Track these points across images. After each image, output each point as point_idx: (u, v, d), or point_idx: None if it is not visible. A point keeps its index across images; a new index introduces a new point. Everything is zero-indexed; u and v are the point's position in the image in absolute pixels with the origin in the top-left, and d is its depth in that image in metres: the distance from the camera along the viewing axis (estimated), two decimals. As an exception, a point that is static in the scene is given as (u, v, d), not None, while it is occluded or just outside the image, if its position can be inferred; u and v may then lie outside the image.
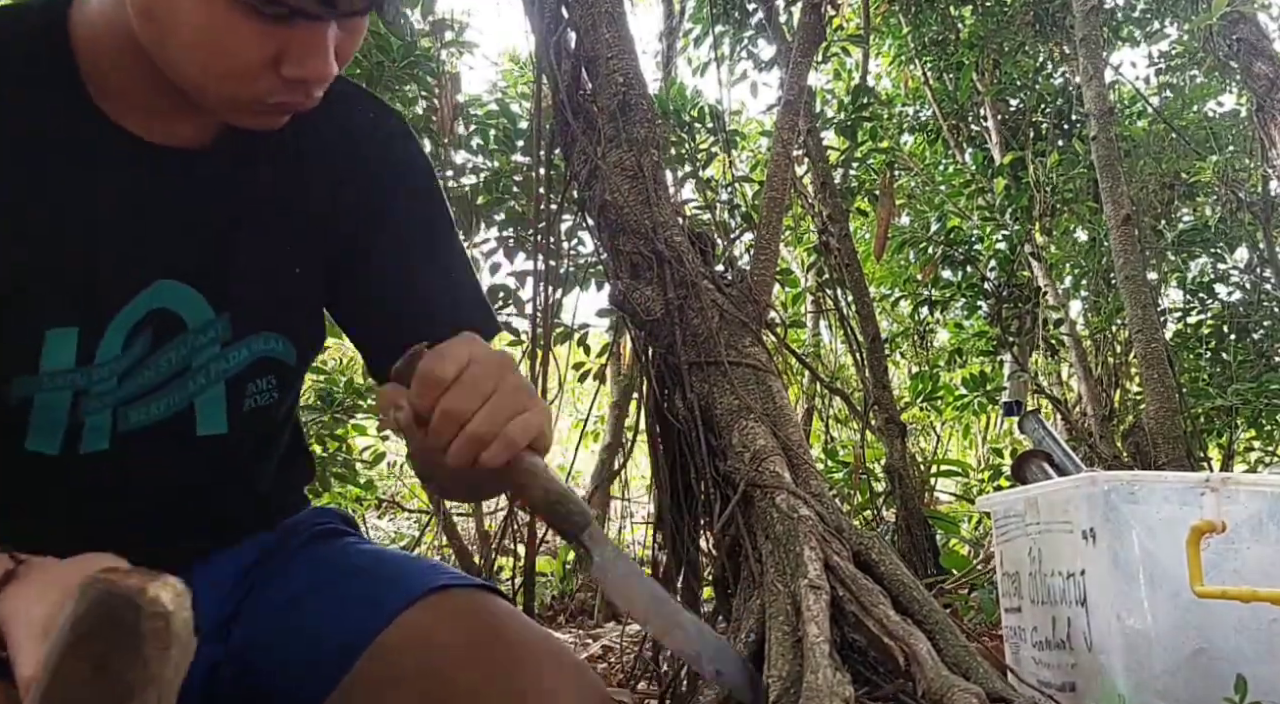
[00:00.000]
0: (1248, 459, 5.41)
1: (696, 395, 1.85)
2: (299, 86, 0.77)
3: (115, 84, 0.82)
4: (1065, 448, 2.22)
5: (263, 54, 0.74)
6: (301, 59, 0.75)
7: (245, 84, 0.76)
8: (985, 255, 5.19)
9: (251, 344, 0.94)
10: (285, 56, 0.75)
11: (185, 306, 0.89)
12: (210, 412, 0.93)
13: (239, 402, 0.95)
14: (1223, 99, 5.71)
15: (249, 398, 0.95)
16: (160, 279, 0.87)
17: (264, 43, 0.73)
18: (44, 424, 0.86)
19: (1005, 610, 1.87)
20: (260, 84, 0.76)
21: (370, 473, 4.04)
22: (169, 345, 0.89)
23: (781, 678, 1.36)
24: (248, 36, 0.73)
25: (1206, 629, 1.42)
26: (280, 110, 0.80)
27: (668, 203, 2.09)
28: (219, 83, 0.76)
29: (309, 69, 0.75)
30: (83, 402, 0.86)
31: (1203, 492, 1.46)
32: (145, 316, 0.87)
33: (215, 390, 0.93)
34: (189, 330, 0.90)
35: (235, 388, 0.94)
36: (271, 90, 0.77)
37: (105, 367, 0.86)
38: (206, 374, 0.92)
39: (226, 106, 0.79)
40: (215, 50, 0.73)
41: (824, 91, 5.45)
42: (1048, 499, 1.71)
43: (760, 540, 1.63)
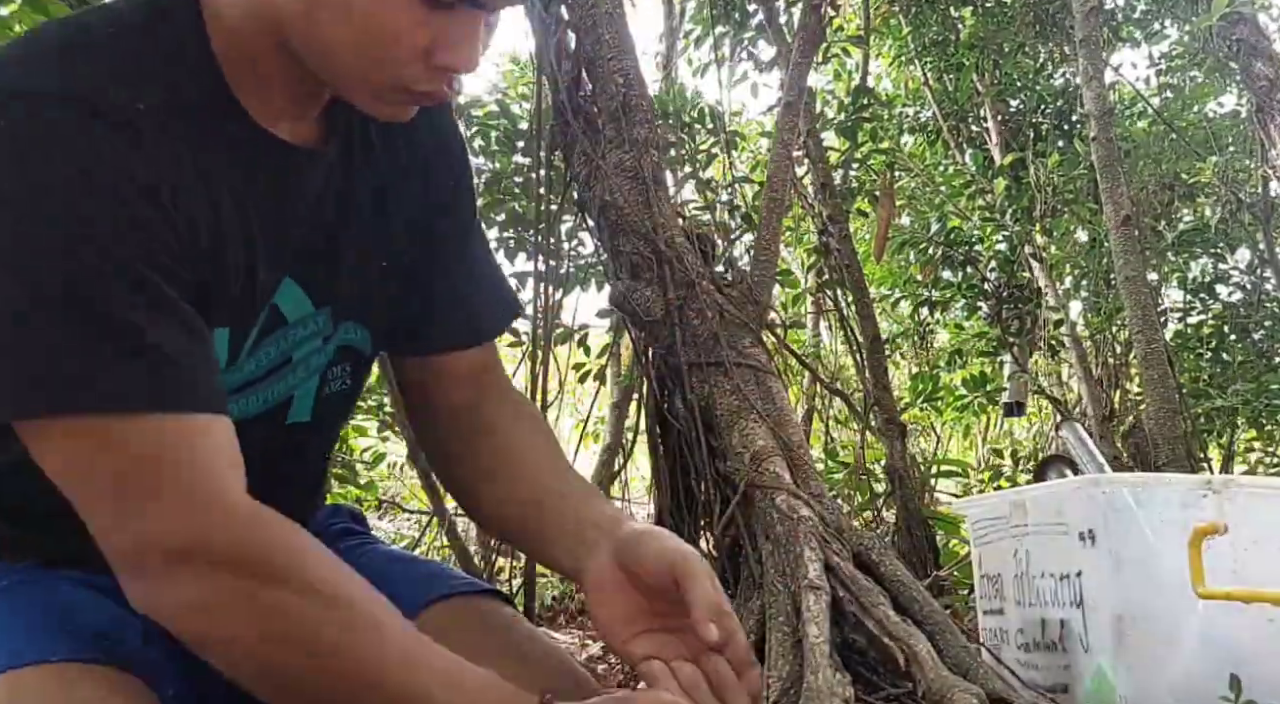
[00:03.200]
0: (1248, 459, 5.41)
1: (696, 396, 1.85)
2: (444, 75, 0.78)
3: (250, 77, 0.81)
4: (1100, 458, 2.20)
5: (421, 39, 0.74)
6: (455, 47, 0.75)
7: (396, 69, 0.76)
8: (985, 256, 5.20)
9: (341, 334, 0.95)
10: (439, 44, 0.75)
11: (287, 300, 0.89)
12: (303, 401, 0.95)
13: (322, 389, 0.96)
14: (1223, 99, 5.72)
15: (329, 384, 0.97)
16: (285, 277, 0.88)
17: (423, 28, 0.74)
18: None
19: (984, 612, 1.87)
20: (410, 70, 0.76)
21: (370, 474, 4.04)
22: (270, 338, 0.89)
23: (781, 678, 1.36)
24: (410, 20, 0.73)
25: (1207, 630, 1.42)
26: (419, 99, 0.81)
27: (668, 203, 2.09)
28: (372, 67, 0.76)
29: (461, 58, 0.76)
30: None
31: (1204, 493, 1.46)
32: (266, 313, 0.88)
33: (311, 382, 0.94)
34: (289, 324, 0.90)
35: (322, 377, 0.95)
36: (419, 78, 0.77)
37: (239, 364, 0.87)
38: (306, 367, 0.93)
39: (370, 92, 0.79)
40: (376, 31, 0.74)
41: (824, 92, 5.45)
42: (1038, 501, 1.71)
43: (760, 541, 1.63)
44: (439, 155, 0.99)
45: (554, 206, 2.70)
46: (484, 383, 1.01)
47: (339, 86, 0.80)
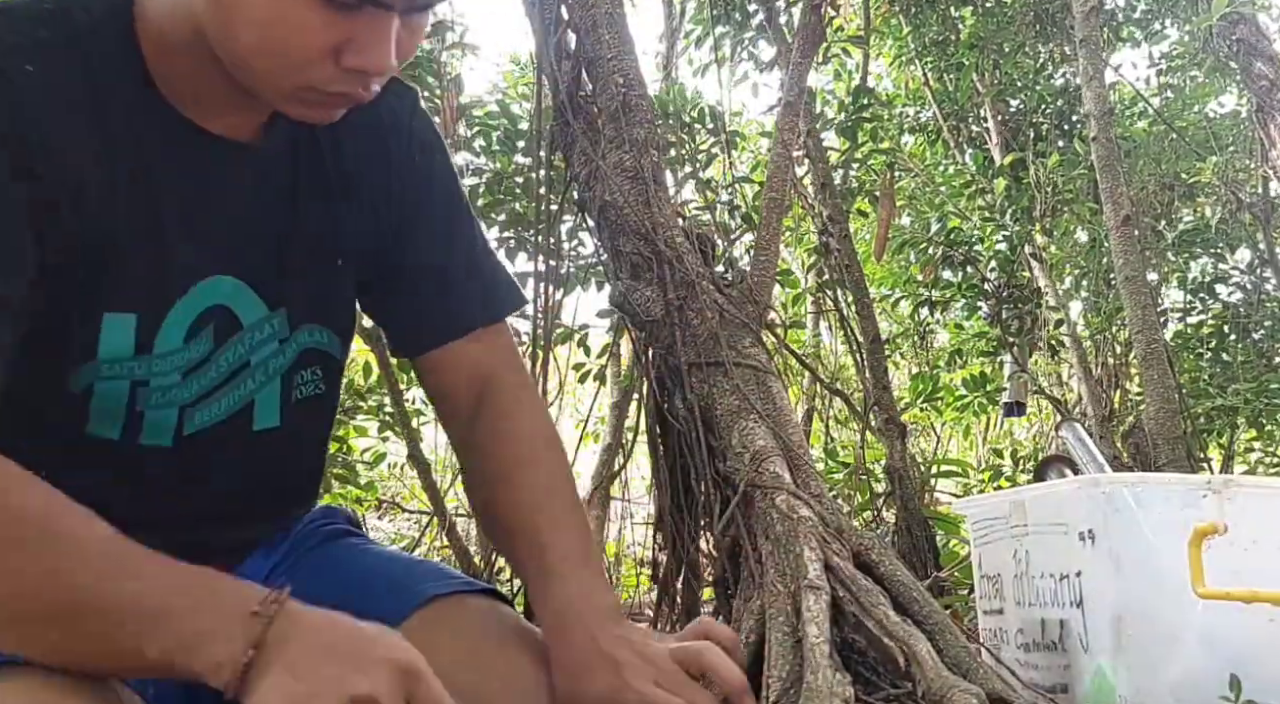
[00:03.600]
0: (1248, 460, 5.41)
1: (696, 396, 1.85)
2: (358, 78, 0.77)
3: (178, 73, 0.82)
4: (1100, 458, 2.20)
5: (326, 41, 0.74)
6: (364, 49, 0.75)
7: (305, 71, 0.75)
8: (985, 256, 5.19)
9: (298, 338, 0.95)
10: (348, 46, 0.75)
11: (240, 304, 0.90)
12: (267, 407, 0.95)
13: (289, 394, 0.96)
14: (1223, 100, 5.72)
15: (296, 389, 0.97)
16: (218, 274, 0.87)
17: (328, 30, 0.73)
18: (104, 413, 0.86)
19: (984, 613, 1.87)
20: (320, 72, 0.76)
21: (371, 474, 4.04)
22: (227, 344, 0.90)
23: (781, 678, 1.36)
24: (313, 22, 0.73)
25: (1207, 631, 1.42)
26: (335, 102, 0.80)
27: (668, 203, 2.08)
28: (280, 69, 0.76)
29: (371, 60, 0.75)
30: (140, 393, 0.87)
31: (1204, 493, 1.46)
32: (203, 313, 0.87)
33: (272, 386, 0.95)
34: (244, 328, 0.90)
35: (286, 381, 0.96)
36: (330, 79, 0.76)
37: (165, 359, 0.86)
38: (265, 371, 0.93)
39: (283, 95, 0.79)
40: (279, 34, 0.73)
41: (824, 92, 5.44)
42: (1038, 501, 1.71)
43: (760, 541, 1.63)
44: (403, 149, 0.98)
45: (554, 206, 2.70)
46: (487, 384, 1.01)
47: (253, 89, 0.79)
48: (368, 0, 0.73)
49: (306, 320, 0.95)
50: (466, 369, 1.00)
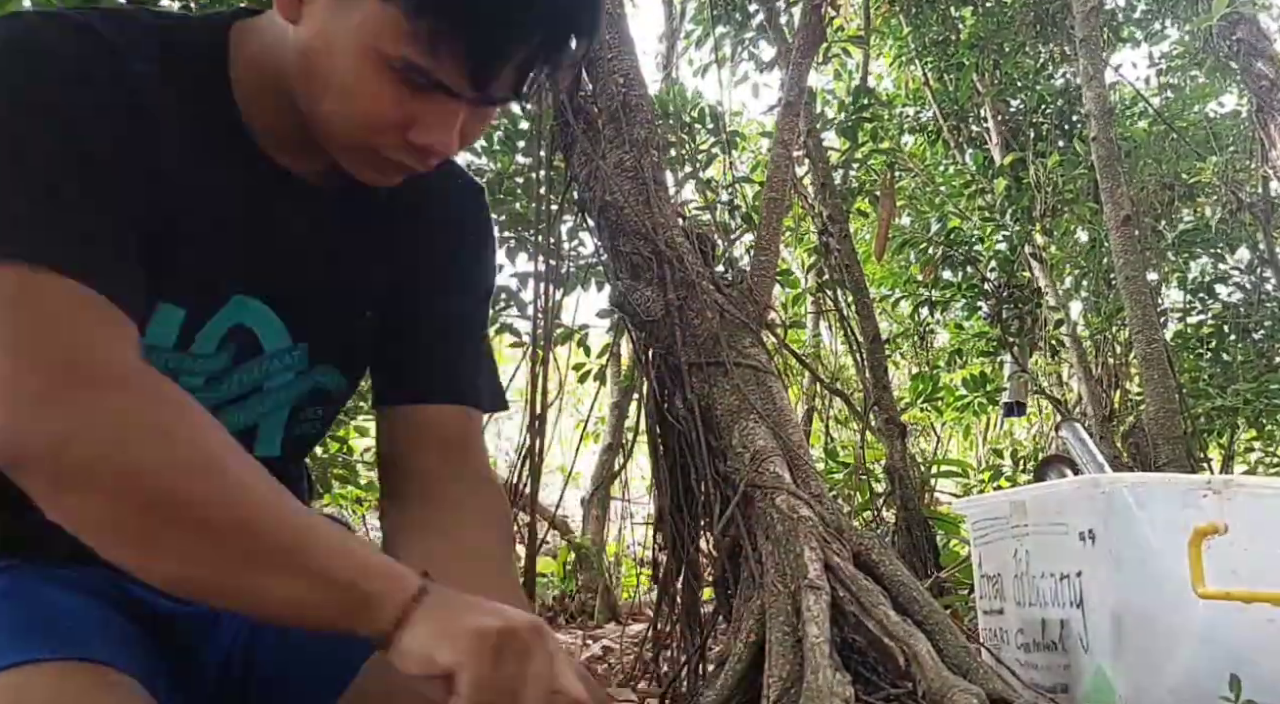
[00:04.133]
0: (1248, 460, 5.41)
1: (696, 396, 1.85)
2: (419, 153, 0.83)
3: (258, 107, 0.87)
4: (1100, 458, 2.20)
5: (396, 115, 0.80)
6: (429, 128, 0.81)
7: (373, 136, 0.81)
8: (985, 256, 5.19)
9: (315, 375, 0.98)
10: (416, 122, 0.80)
11: (265, 328, 0.93)
12: (269, 434, 0.98)
13: (293, 427, 0.99)
14: (1223, 99, 5.71)
15: (300, 424, 1.00)
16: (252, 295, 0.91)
17: (399, 106, 0.79)
18: None
19: (984, 613, 1.87)
20: (384, 139, 0.81)
21: (371, 474, 4.03)
22: (246, 364, 0.93)
23: (781, 678, 1.36)
24: (388, 96, 0.79)
25: (1208, 631, 1.42)
26: (397, 170, 0.86)
27: (668, 203, 2.09)
28: (349, 129, 0.82)
29: (433, 139, 0.81)
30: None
31: (1204, 494, 1.46)
32: (232, 328, 0.90)
33: (280, 415, 0.97)
34: (265, 353, 0.93)
35: (294, 414, 0.99)
36: (395, 148, 0.82)
37: (198, 361, 0.89)
38: (276, 398, 0.96)
39: (350, 154, 0.85)
40: (355, 100, 0.79)
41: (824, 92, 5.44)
42: (1039, 501, 1.71)
43: (760, 541, 1.63)
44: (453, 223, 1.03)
45: (554, 206, 2.70)
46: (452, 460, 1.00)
47: (325, 145, 0.85)
48: (438, 86, 0.78)
49: (324, 360, 0.98)
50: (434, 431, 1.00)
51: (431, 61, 0.76)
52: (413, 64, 0.77)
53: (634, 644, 2.77)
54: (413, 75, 0.77)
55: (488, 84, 0.78)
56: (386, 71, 0.77)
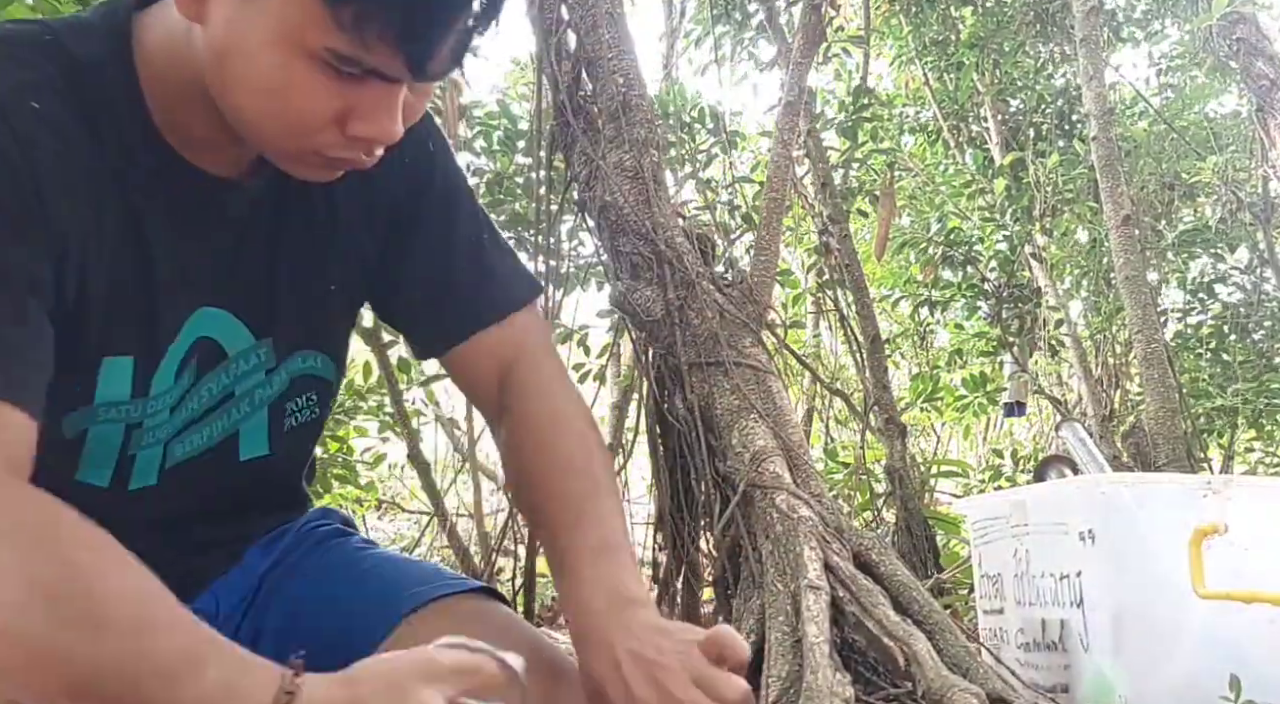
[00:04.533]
0: (1248, 459, 5.41)
1: (696, 396, 1.85)
2: (361, 144, 0.77)
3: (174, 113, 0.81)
4: (1100, 458, 2.20)
5: (331, 109, 0.73)
6: (369, 117, 0.74)
7: (308, 136, 0.75)
8: (985, 256, 5.19)
9: (290, 366, 0.94)
10: (353, 114, 0.74)
11: (225, 334, 0.89)
12: (253, 436, 0.94)
13: (280, 423, 0.96)
14: (1223, 99, 5.72)
15: (289, 417, 0.97)
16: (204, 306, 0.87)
17: (333, 98, 0.73)
18: (96, 458, 0.85)
19: (985, 612, 1.87)
20: (323, 137, 0.75)
21: (371, 474, 4.04)
22: (211, 374, 0.89)
23: (781, 678, 1.36)
24: (319, 91, 0.72)
25: (1208, 631, 1.42)
26: (337, 165, 0.80)
27: (668, 203, 2.09)
28: (282, 133, 0.75)
29: (375, 129, 0.75)
30: (134, 436, 0.86)
31: (1204, 494, 1.46)
32: (191, 346, 0.86)
33: (258, 416, 0.94)
34: (229, 358, 0.90)
35: (275, 411, 0.95)
36: (332, 145, 0.76)
37: (159, 399, 0.85)
38: (251, 401, 0.93)
39: (284, 156, 0.79)
40: (284, 100, 0.73)
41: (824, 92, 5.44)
42: (1039, 501, 1.71)
43: (760, 541, 1.63)
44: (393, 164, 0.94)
45: (554, 207, 2.70)
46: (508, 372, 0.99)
47: (256, 146, 0.79)
48: (371, 72, 0.72)
49: (299, 348, 0.95)
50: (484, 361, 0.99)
51: (361, 48, 0.70)
52: (340, 54, 0.70)
53: (634, 644, 2.76)
54: (342, 65, 0.71)
55: (425, 64, 0.72)
56: (313, 65, 0.71)
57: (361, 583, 0.98)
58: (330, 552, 1.03)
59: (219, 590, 0.97)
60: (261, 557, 1.01)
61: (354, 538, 1.07)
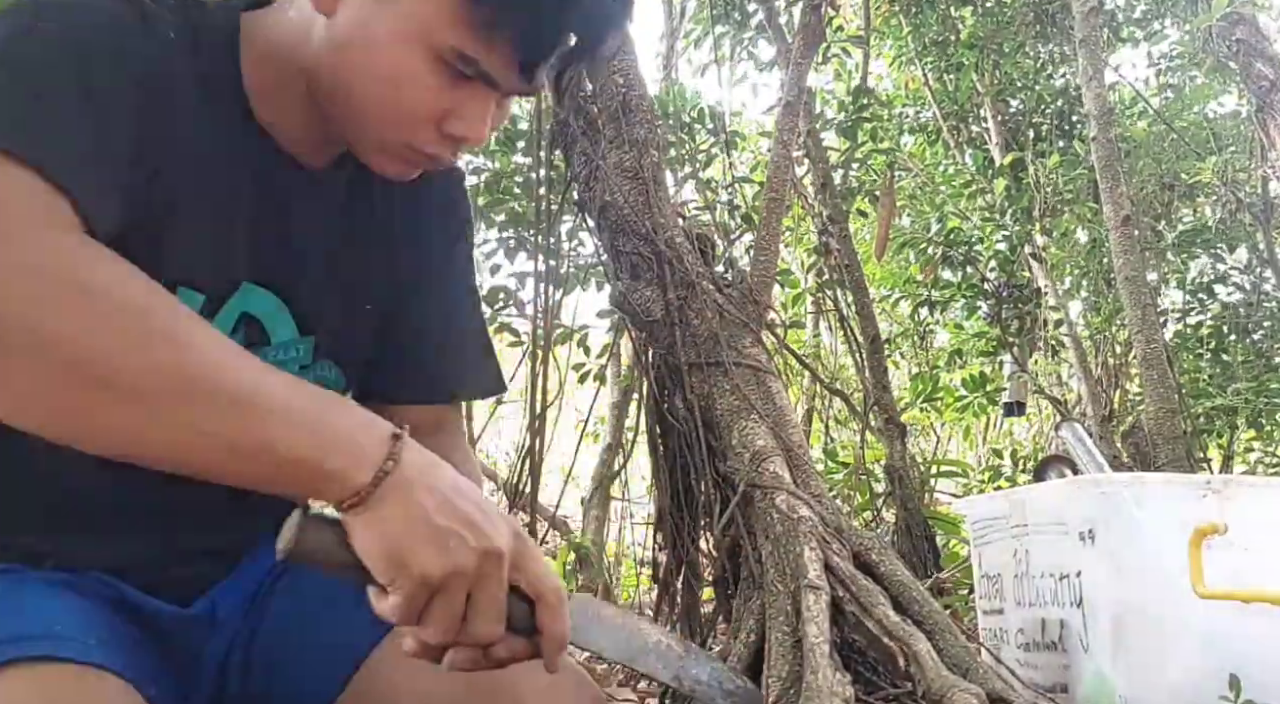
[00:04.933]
0: (1248, 460, 5.41)
1: (696, 396, 1.85)
2: (451, 143, 0.83)
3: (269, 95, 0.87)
4: (1100, 458, 2.20)
5: (437, 105, 0.80)
6: (465, 119, 0.81)
7: (410, 130, 0.81)
8: (985, 256, 5.19)
9: (317, 370, 0.97)
10: (453, 113, 0.81)
11: (273, 320, 0.92)
12: None
13: None
14: (1223, 99, 5.71)
15: None
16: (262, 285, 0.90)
17: (440, 96, 0.79)
18: None
19: (984, 613, 1.87)
20: (421, 133, 0.82)
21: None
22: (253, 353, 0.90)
23: (781, 678, 1.36)
24: (431, 87, 0.79)
25: (1208, 631, 1.42)
26: (422, 162, 0.86)
27: (668, 203, 2.09)
28: (386, 122, 0.81)
29: (470, 129, 0.81)
30: None
31: (1204, 493, 1.46)
32: (241, 317, 0.89)
33: None
34: (271, 345, 0.92)
35: None
36: (428, 141, 0.82)
37: None
38: None
39: (379, 147, 0.84)
40: (397, 90, 0.79)
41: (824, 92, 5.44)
42: (1039, 501, 1.71)
43: (760, 541, 1.63)
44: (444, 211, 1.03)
45: (554, 207, 2.70)
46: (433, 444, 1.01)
47: (350, 136, 0.85)
48: (482, 75, 0.78)
49: (327, 355, 0.97)
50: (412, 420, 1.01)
51: (484, 50, 0.76)
52: (463, 54, 0.76)
53: (634, 644, 2.76)
54: (460, 65, 0.77)
55: (535, 73, 0.79)
56: (432, 62, 0.77)
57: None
58: None
59: (218, 595, 0.98)
60: (261, 562, 1.02)
61: None
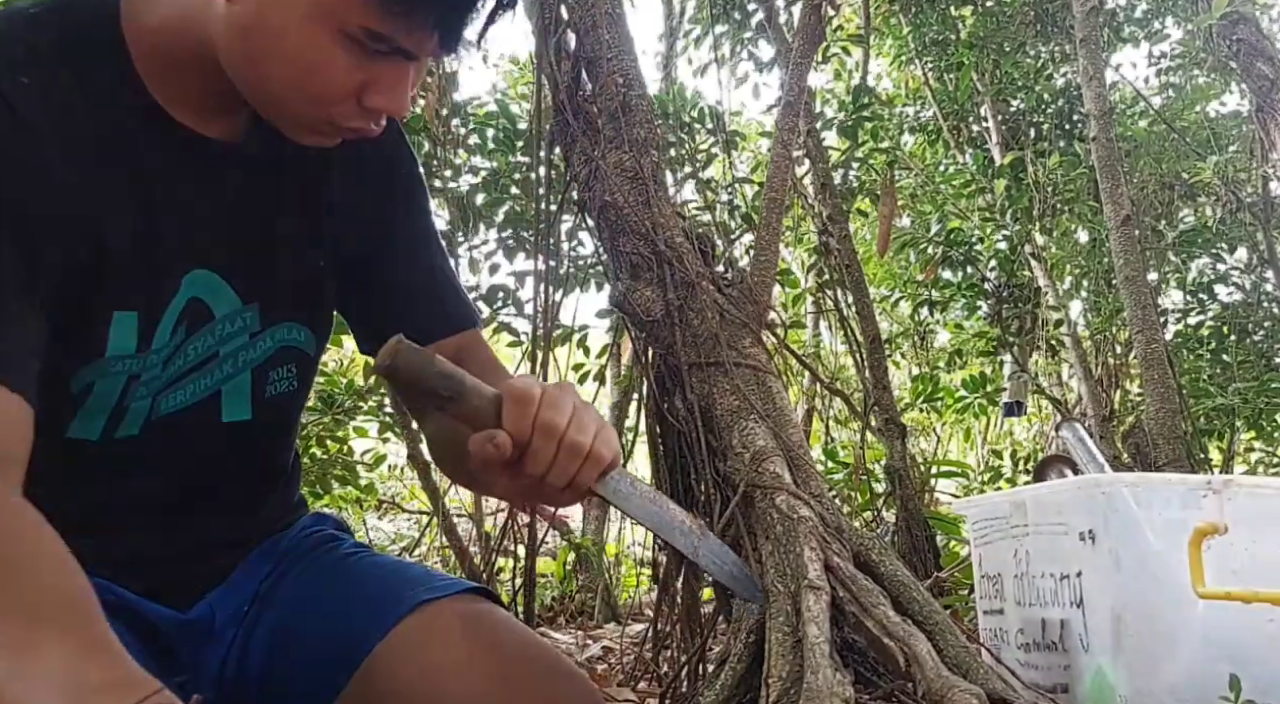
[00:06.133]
0: (1248, 460, 5.41)
1: (696, 396, 1.85)
2: (373, 115, 0.83)
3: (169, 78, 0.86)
4: (1100, 458, 2.20)
5: (353, 82, 0.80)
6: (386, 91, 0.81)
7: (327, 107, 0.81)
8: (985, 256, 5.19)
9: (275, 333, 0.97)
10: (371, 87, 0.81)
11: (214, 296, 0.92)
12: (235, 399, 0.96)
13: (262, 389, 0.98)
14: (1223, 99, 5.71)
15: (270, 385, 0.99)
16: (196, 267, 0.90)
17: (355, 73, 0.79)
18: (95, 410, 0.88)
19: (984, 613, 1.86)
20: (340, 108, 0.82)
21: (371, 475, 4.04)
22: (199, 334, 0.92)
23: (781, 678, 1.36)
24: (344, 66, 0.79)
25: (1207, 630, 1.42)
26: (345, 134, 0.86)
27: (668, 203, 2.08)
28: (305, 103, 0.81)
29: (390, 101, 0.82)
30: (133, 387, 0.89)
31: (1204, 493, 1.46)
32: (185, 305, 0.90)
33: (241, 379, 0.96)
34: (216, 319, 0.93)
35: (259, 376, 0.97)
36: (349, 115, 0.83)
37: (158, 353, 0.89)
38: (234, 362, 0.95)
39: (301, 125, 0.84)
40: (311, 73, 0.79)
41: (824, 92, 5.44)
42: (1038, 501, 1.71)
43: (760, 541, 1.63)
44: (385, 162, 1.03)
45: (553, 207, 2.70)
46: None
47: (269, 115, 0.85)
48: (397, 50, 0.78)
49: (286, 318, 0.98)
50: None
51: (396, 26, 0.76)
52: (374, 32, 0.76)
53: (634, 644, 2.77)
54: (372, 43, 0.77)
55: (456, 41, 0.79)
56: (343, 41, 0.77)
57: (351, 590, 0.98)
58: (321, 558, 1.03)
59: (215, 600, 0.97)
60: (257, 566, 1.02)
61: (346, 543, 1.07)
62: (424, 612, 0.93)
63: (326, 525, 1.09)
